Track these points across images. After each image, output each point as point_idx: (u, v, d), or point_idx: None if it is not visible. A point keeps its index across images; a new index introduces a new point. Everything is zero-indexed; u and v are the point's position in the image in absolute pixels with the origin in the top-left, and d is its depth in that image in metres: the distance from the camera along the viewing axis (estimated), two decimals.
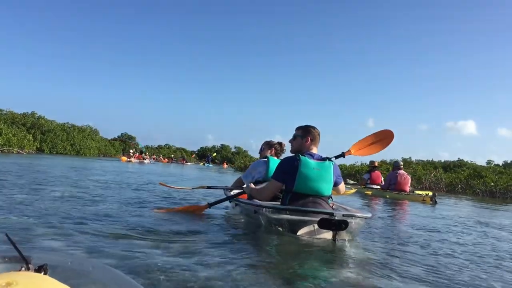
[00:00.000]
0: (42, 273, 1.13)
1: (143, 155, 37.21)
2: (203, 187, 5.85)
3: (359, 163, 26.55)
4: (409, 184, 11.77)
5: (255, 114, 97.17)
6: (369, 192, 12.04)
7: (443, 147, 79.73)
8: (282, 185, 4.10)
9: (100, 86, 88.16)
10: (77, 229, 3.41)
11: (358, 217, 3.72)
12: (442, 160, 31.41)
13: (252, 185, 4.66)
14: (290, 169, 3.97)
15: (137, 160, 32.62)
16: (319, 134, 4.24)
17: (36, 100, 78.20)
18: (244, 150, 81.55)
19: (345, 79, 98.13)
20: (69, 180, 8.76)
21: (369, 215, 3.88)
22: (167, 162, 46.53)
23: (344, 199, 7.56)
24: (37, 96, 73.60)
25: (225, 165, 54.91)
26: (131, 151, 39.87)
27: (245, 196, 4.81)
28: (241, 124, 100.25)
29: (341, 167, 31.21)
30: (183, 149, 75.71)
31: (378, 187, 12.65)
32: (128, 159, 31.51)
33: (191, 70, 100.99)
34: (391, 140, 5.18)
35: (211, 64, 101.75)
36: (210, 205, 5.08)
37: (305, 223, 3.67)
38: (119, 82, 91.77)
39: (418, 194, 11.14)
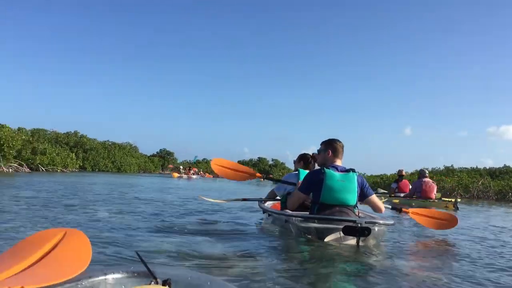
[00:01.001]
0: (167, 287, 1.29)
1: (191, 171, 38.68)
2: (238, 200, 6.07)
3: (388, 173, 25.97)
4: (434, 192, 11.90)
5: (291, 126, 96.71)
6: (397, 201, 12.11)
7: (486, 153, 76.74)
8: (306, 196, 4.39)
9: (139, 104, 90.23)
10: (178, 244, 3.56)
11: (381, 224, 3.99)
12: (487, 167, 30.09)
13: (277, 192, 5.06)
14: (315, 181, 4.20)
15: (186, 176, 34.30)
16: (342, 147, 4.44)
17: (78, 119, 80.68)
18: (281, 163, 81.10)
19: (381, 86, 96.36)
20: (144, 195, 9.02)
21: (391, 222, 4.13)
22: (213, 177, 47.16)
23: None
24: (79, 116, 76.00)
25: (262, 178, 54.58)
26: (181, 167, 42.08)
27: (279, 207, 5.12)
28: (276, 136, 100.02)
29: (369, 177, 30.83)
30: None
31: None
32: (179, 175, 33.53)
33: (225, 85, 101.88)
34: (451, 226, 5.23)
35: (244, 77, 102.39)
36: (265, 177, 5.84)
37: (331, 231, 3.90)
38: (156, 100, 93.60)
39: (443, 200, 11.45)
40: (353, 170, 4.27)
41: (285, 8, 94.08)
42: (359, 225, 3.74)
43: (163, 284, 1.30)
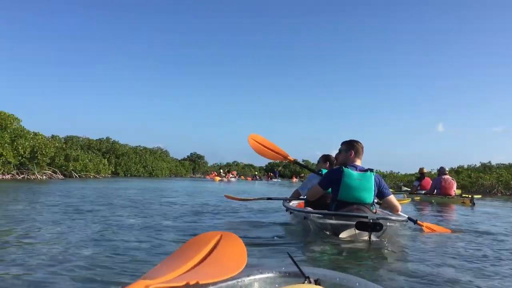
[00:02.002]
0: (320, 286, 1.32)
1: (230, 174, 41.25)
2: (263, 199, 6.44)
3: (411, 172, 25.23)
4: (454, 188, 12.35)
5: (320, 126, 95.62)
6: (418, 198, 12.76)
7: None
8: (324, 191, 4.66)
9: (169, 109, 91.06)
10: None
11: (393, 220, 4.19)
12: None
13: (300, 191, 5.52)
14: (334, 179, 4.45)
15: (226, 179, 36.22)
16: (362, 148, 4.65)
17: (109, 126, 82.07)
18: (312, 163, 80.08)
19: (410, 83, 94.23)
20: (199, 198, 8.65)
21: (404, 218, 4.39)
22: (251, 179, 48.96)
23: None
24: (110, 122, 77.25)
25: (295, 179, 54.20)
26: (221, 170, 43.98)
27: (302, 205, 5.40)
28: (307, 137, 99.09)
29: (395, 176, 30.28)
30: (250, 165, 75.82)
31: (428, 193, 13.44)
32: (221, 179, 35.47)
33: (255, 86, 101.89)
34: None
35: (273, 78, 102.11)
36: (295, 162, 6.38)
37: (345, 227, 4.13)
38: (186, 104, 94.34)
39: (461, 197, 11.94)
40: (371, 170, 4.46)
41: (308, 9, 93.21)
42: (370, 220, 3.95)
43: (315, 284, 1.36)
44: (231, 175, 39.75)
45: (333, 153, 5.75)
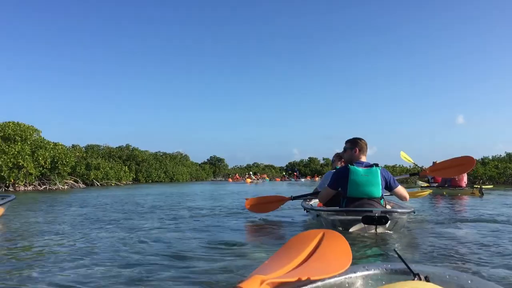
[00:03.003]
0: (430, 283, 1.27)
1: (257, 175, 43.95)
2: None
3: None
4: (465, 180, 12.82)
5: (338, 123, 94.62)
6: (430, 191, 12.96)
7: None
8: (334, 191, 4.80)
9: (186, 113, 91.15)
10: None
11: (399, 212, 4.39)
12: None
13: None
14: (342, 177, 4.63)
15: (258, 180, 38.19)
16: (366, 145, 4.82)
17: (129, 133, 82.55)
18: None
19: (428, 74, 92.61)
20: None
21: (410, 210, 4.63)
22: (280, 180, 50.09)
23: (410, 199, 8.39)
24: (129, 130, 77.67)
25: (317, 178, 53.73)
26: (251, 173, 46.23)
27: (321, 204, 5.44)
28: (325, 135, 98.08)
29: (405, 169, 29.93)
30: (271, 166, 75.28)
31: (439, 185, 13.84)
32: (251, 181, 37.27)
33: (270, 88, 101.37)
34: (470, 167, 5.88)
35: (288, 78, 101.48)
36: (293, 198, 6.07)
37: (354, 222, 4.34)
38: (203, 108, 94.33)
39: (472, 187, 12.48)
40: (377, 165, 4.61)
41: (329, 7, 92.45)
42: (376, 214, 4.16)
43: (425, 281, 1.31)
44: (258, 177, 41.36)
45: None
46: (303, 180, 50.00)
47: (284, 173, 60.95)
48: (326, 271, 1.35)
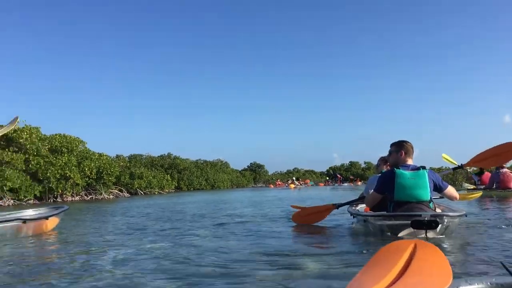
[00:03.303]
0: None
1: (300, 180, 44.56)
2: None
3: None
4: None
5: (378, 125, 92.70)
6: (481, 193, 12.45)
7: None
8: (381, 195, 4.71)
9: (226, 121, 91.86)
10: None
11: (450, 216, 4.22)
12: None
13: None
14: (387, 181, 4.54)
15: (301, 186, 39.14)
16: (412, 147, 4.75)
17: (170, 142, 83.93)
18: (375, 165, 77.58)
19: (474, 73, 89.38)
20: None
21: (462, 213, 4.40)
22: (323, 185, 50.14)
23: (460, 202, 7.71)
24: (170, 138, 78.89)
25: (359, 182, 52.80)
26: (294, 178, 46.41)
27: (368, 208, 5.37)
28: (365, 138, 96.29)
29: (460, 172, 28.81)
30: (311, 171, 74.62)
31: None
32: (295, 186, 37.76)
33: (308, 93, 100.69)
34: None
35: (324, 81, 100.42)
36: (337, 206, 5.94)
37: (402, 226, 4.23)
38: (242, 115, 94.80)
39: None
40: (424, 168, 4.53)
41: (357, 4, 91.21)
42: (425, 218, 4.03)
43: None
44: (302, 182, 42.42)
45: None
46: (345, 184, 49.30)
47: (327, 178, 60.32)
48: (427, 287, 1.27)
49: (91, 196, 21.40)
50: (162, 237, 5.27)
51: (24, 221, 5.36)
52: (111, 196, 22.65)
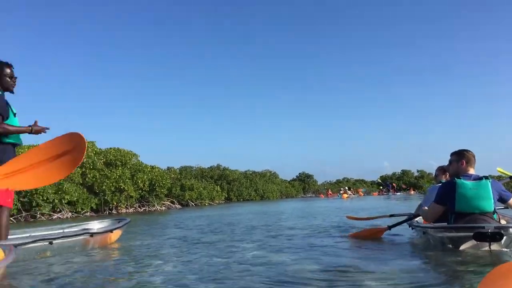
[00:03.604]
0: None
1: (352, 190, 44.66)
2: (385, 216, 6.48)
3: None
4: None
5: (430, 132, 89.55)
6: None
7: None
8: (443, 207, 4.56)
9: (273, 131, 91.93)
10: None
11: None
12: None
13: (426, 208, 5.02)
14: (448, 192, 4.43)
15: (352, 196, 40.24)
16: (474, 156, 4.62)
17: (219, 153, 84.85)
18: (428, 173, 74.82)
19: None
20: None
21: None
22: (377, 194, 49.89)
23: None
24: (219, 150, 79.82)
25: (412, 191, 51.03)
26: (346, 188, 46.97)
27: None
28: (417, 145, 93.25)
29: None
30: (362, 180, 73.06)
31: None
32: (348, 196, 38.41)
33: (356, 100, 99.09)
34: None
35: (375, 86, 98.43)
36: (390, 227, 5.81)
37: (464, 239, 4.10)
38: (290, 125, 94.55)
39: None
40: (486, 178, 4.38)
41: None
42: (489, 230, 3.90)
43: None
44: (354, 192, 43.14)
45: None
46: (399, 194, 47.92)
47: (381, 187, 58.84)
48: None
49: (144, 208, 21.85)
50: (214, 250, 5.22)
51: (92, 234, 5.61)
52: (163, 208, 23.04)
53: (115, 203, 19.68)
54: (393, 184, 58.83)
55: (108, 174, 19.55)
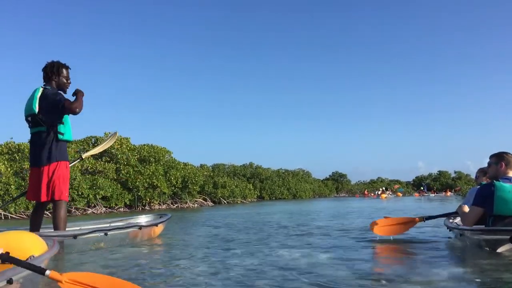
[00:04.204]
0: None
1: (389, 190, 45.69)
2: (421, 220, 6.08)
3: None
4: None
5: (469, 132, 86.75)
6: None
7: None
8: (482, 210, 4.45)
9: (307, 130, 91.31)
10: None
11: None
12: None
13: (466, 208, 4.84)
14: (487, 195, 4.35)
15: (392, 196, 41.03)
16: None
17: (252, 151, 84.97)
18: (466, 174, 72.58)
19: None
20: None
21: None
22: (418, 196, 48.53)
23: None
24: (252, 148, 79.83)
25: (449, 193, 49.49)
26: (383, 188, 46.91)
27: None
28: (454, 146, 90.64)
29: None
30: (396, 180, 71.59)
31: None
32: (386, 196, 38.80)
33: (388, 98, 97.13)
34: None
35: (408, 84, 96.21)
36: (425, 219, 5.87)
37: (502, 241, 4.08)
38: (323, 124, 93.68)
39: None
40: None
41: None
42: None
43: None
44: (388, 193, 43.09)
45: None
46: (432, 195, 46.65)
47: (422, 188, 57.49)
48: None
49: (176, 205, 21.89)
50: (247, 250, 5.00)
51: (140, 227, 5.89)
52: (196, 205, 23.04)
53: (148, 199, 19.77)
54: (421, 186, 57.66)
55: (142, 170, 19.66)
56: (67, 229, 4.97)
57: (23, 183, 15.12)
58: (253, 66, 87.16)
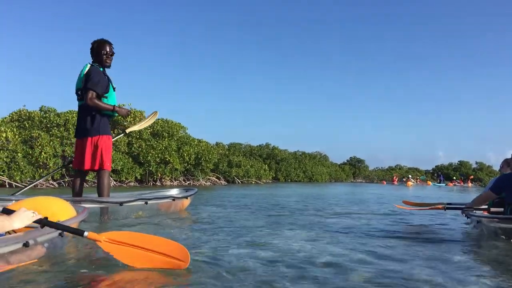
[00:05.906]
0: None
1: (411, 178, 43.90)
2: (442, 206, 6.03)
3: None
4: None
5: (489, 121, 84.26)
6: None
7: None
8: (495, 195, 4.66)
9: (325, 112, 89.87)
10: None
11: None
12: None
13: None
14: (507, 184, 4.48)
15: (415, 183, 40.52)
16: None
17: (269, 132, 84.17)
18: (488, 166, 70.73)
19: None
20: None
21: None
22: (452, 185, 46.87)
23: None
24: (269, 129, 78.93)
25: (470, 184, 48.08)
26: (409, 176, 45.75)
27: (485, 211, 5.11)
28: (476, 136, 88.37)
29: None
30: (415, 168, 70.08)
31: None
32: (412, 184, 38.34)
33: (410, 87, 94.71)
34: None
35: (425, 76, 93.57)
36: (446, 208, 5.63)
37: None
38: (343, 107, 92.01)
39: None
40: None
41: None
42: None
43: None
44: (413, 181, 42.47)
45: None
46: (457, 185, 45.36)
47: (455, 177, 55.78)
48: None
49: (189, 182, 21.33)
50: (262, 232, 4.74)
51: (174, 199, 6.31)
52: (208, 183, 22.46)
53: (159, 175, 19.23)
54: (438, 175, 55.68)
55: (154, 144, 19.06)
56: (112, 194, 5.49)
57: (30, 151, 14.65)
58: (273, 44, 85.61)
